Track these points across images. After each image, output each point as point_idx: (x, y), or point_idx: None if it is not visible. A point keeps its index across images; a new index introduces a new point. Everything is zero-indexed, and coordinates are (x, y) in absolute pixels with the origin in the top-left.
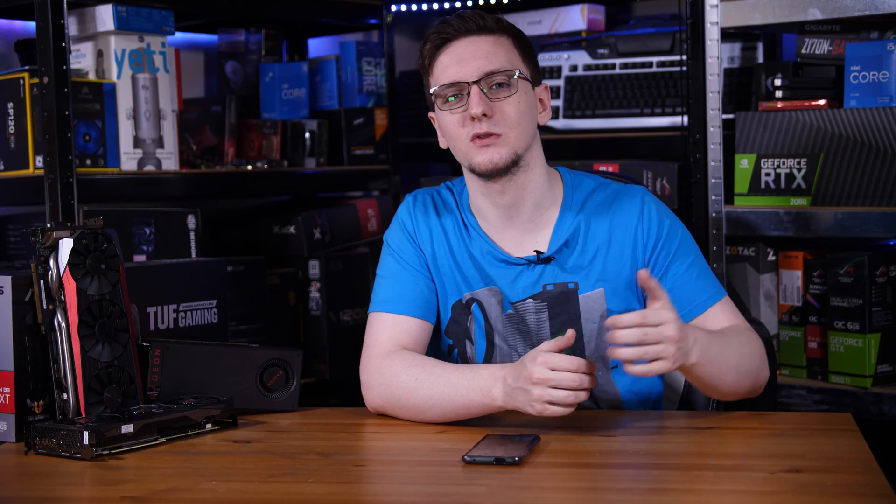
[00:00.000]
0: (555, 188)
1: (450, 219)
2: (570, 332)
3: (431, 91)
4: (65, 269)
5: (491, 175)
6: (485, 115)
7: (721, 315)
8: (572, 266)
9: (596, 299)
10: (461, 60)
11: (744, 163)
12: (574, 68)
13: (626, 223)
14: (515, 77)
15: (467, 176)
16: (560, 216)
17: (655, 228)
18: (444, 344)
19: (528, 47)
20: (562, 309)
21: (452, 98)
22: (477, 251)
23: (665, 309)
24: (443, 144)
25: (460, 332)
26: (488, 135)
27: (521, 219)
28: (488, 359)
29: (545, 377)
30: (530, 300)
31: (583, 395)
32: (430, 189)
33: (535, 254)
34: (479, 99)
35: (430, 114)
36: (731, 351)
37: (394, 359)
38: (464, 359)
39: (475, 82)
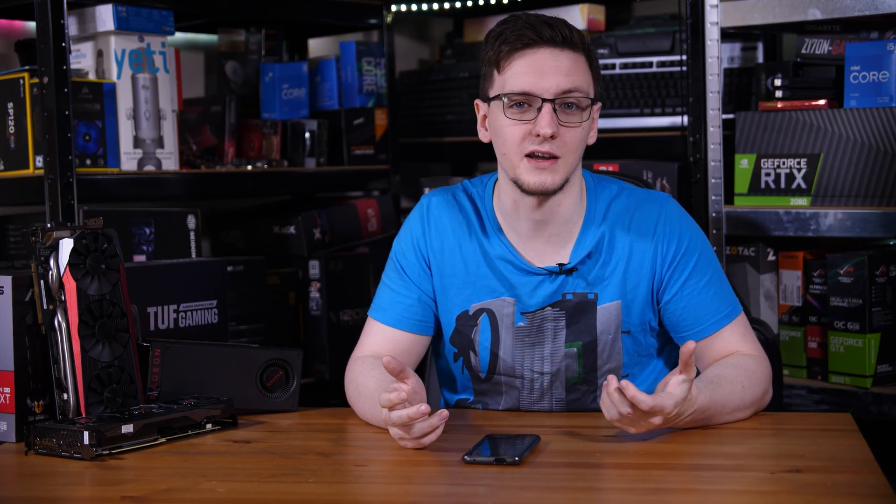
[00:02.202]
0: (582, 199)
1: (465, 226)
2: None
3: (497, 93)
4: (65, 269)
5: (535, 195)
6: (552, 136)
7: (731, 338)
8: (594, 277)
9: (613, 311)
10: (541, 72)
11: (744, 163)
12: None
13: (645, 236)
14: (588, 104)
15: (504, 182)
16: (584, 227)
17: (675, 242)
18: (450, 352)
19: (598, 66)
20: (579, 319)
21: (518, 105)
22: (497, 258)
23: (668, 399)
24: (484, 138)
25: (464, 343)
26: (547, 156)
27: (548, 231)
28: (492, 370)
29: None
30: (549, 308)
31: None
32: (446, 191)
33: (557, 265)
34: (550, 118)
35: (477, 101)
36: (732, 399)
37: (360, 364)
38: (469, 367)
39: (550, 100)
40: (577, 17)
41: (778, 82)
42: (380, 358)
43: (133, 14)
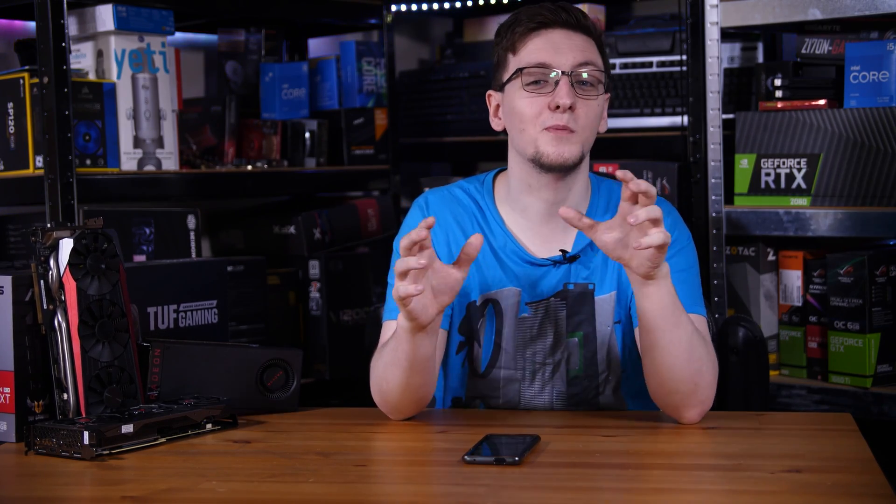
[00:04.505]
0: (587, 189)
1: (468, 218)
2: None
3: (514, 70)
4: (65, 269)
5: (553, 168)
6: (570, 107)
7: None
8: (594, 266)
9: (608, 302)
10: (556, 47)
11: (744, 163)
12: None
13: None
14: (603, 78)
15: (516, 168)
16: (588, 214)
17: None
18: (455, 341)
19: (608, 58)
20: (579, 308)
21: (534, 82)
22: (501, 250)
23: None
24: (497, 126)
25: (471, 333)
26: (565, 128)
27: (558, 218)
28: (493, 362)
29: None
30: (553, 298)
31: (410, 287)
32: (440, 189)
33: (560, 253)
34: (568, 89)
35: (489, 92)
36: (688, 322)
37: (378, 350)
38: (470, 359)
39: (567, 73)
40: None
41: (778, 82)
42: None
43: (133, 14)
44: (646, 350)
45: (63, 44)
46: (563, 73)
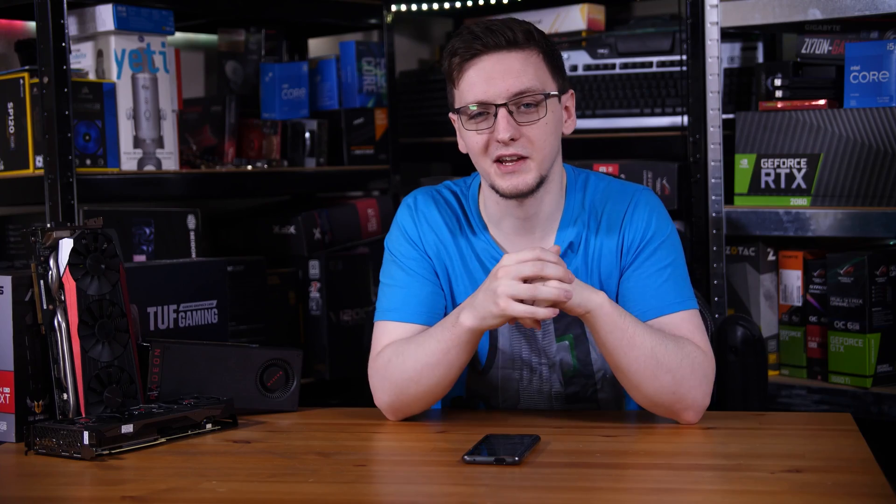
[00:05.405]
0: (562, 193)
1: (455, 220)
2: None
3: (457, 107)
4: (65, 269)
5: (512, 197)
6: (512, 139)
7: (675, 325)
8: (575, 269)
9: None
10: (489, 79)
11: (744, 163)
12: (574, 68)
13: (613, 229)
14: (544, 99)
15: (486, 188)
16: (563, 220)
17: (641, 231)
18: None
19: (556, 58)
20: (564, 313)
21: (477, 115)
22: (485, 255)
23: None
24: (462, 148)
25: None
26: (514, 158)
27: (533, 230)
28: (491, 361)
29: (508, 265)
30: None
31: (547, 290)
32: (429, 189)
33: None
34: (506, 123)
35: (452, 115)
36: (648, 336)
37: (385, 350)
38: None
39: (503, 105)
40: (577, 17)
41: (778, 82)
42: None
43: (133, 14)
44: (613, 371)
45: (63, 44)
46: (499, 105)
